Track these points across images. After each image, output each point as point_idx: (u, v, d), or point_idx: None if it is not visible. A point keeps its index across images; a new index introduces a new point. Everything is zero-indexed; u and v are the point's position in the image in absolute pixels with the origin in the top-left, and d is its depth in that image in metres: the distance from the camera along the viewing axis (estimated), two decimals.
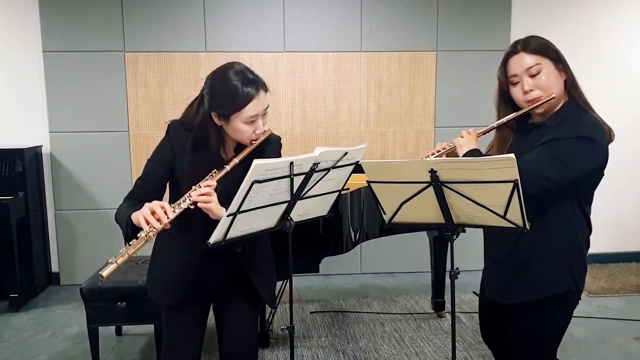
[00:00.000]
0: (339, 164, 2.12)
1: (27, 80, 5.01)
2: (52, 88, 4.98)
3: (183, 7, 5.00)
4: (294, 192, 2.05)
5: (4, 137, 5.01)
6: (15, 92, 5.02)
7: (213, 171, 2.07)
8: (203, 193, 1.97)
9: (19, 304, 4.59)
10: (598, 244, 2.23)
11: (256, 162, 1.82)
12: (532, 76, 2.10)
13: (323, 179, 2.12)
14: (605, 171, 2.12)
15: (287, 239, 2.21)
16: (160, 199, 2.12)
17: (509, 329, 2.29)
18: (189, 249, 2.19)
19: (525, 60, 2.11)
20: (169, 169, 2.16)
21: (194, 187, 2.01)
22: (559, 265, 2.11)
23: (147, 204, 1.94)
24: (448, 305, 4.32)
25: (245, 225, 2.01)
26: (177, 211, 1.94)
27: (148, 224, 1.90)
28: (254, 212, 1.98)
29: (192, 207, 1.96)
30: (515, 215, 1.93)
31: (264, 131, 2.14)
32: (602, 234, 2.51)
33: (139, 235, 1.91)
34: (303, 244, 3.22)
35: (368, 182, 2.15)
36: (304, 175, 2.02)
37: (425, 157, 2.28)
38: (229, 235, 1.98)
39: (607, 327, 4.13)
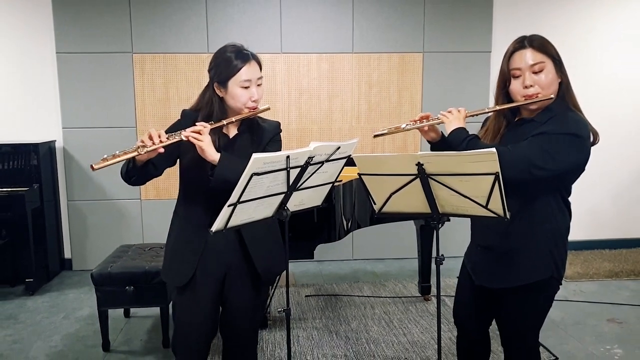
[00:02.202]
0: (333, 157, 2.11)
1: (41, 79, 4.98)
2: (65, 87, 4.95)
3: (187, 12, 4.97)
4: (290, 183, 2.04)
5: (20, 133, 4.98)
6: (31, 90, 4.99)
7: (210, 122, 2.12)
8: (195, 130, 2.04)
9: (34, 288, 4.58)
10: (574, 232, 2.22)
11: (255, 155, 1.81)
12: (535, 73, 2.06)
13: (317, 171, 2.11)
14: None
15: (284, 228, 2.21)
16: (162, 168, 2.19)
17: (497, 312, 2.27)
18: (200, 227, 2.16)
19: (531, 57, 2.05)
20: (178, 145, 2.16)
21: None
22: (544, 253, 2.10)
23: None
24: (434, 289, 4.33)
25: (245, 215, 2.01)
26: (171, 140, 2.02)
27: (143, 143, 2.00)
28: (253, 202, 1.98)
29: (184, 139, 2.03)
30: (497, 205, 1.92)
31: (261, 107, 2.23)
32: (578, 222, 2.51)
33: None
34: (299, 232, 3.21)
35: (359, 174, 2.14)
36: (299, 168, 2.01)
37: (405, 125, 2.25)
38: (230, 224, 1.97)
39: (582, 309, 4.14)
